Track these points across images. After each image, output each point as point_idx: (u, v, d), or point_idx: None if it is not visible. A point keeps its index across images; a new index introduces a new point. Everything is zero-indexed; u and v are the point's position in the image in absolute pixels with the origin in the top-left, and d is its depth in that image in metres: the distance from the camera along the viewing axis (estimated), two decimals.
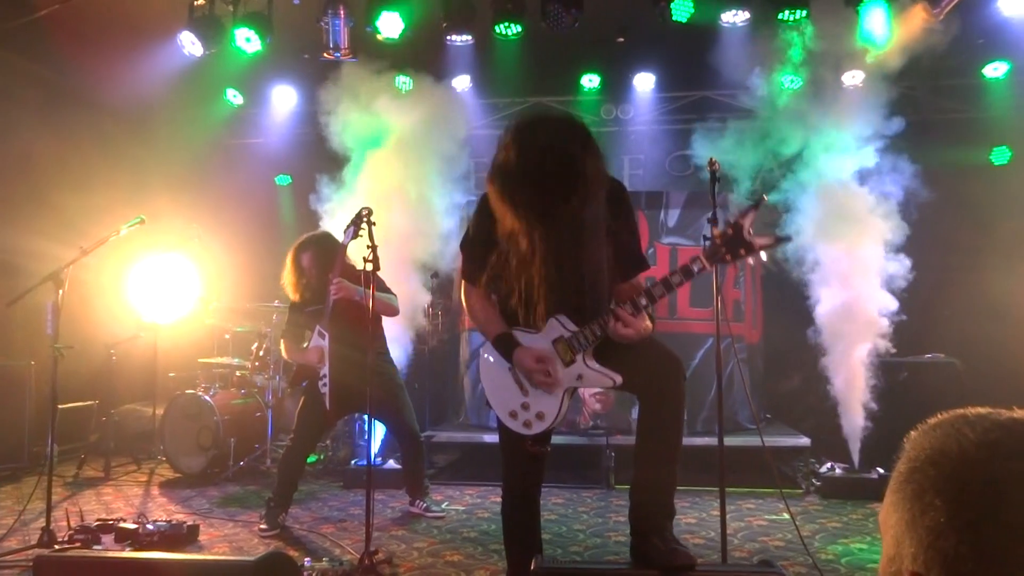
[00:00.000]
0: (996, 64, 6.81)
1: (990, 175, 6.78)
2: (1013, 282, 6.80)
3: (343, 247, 4.60)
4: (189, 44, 6.70)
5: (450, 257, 6.77)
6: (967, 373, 6.05)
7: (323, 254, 4.86)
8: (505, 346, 2.74)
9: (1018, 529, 0.66)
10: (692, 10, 5.75)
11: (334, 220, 6.50)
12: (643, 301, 2.57)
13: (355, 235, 4.30)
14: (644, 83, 7.52)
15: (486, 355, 2.88)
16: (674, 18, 5.75)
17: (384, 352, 5.00)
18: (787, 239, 2.65)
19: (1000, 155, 7.23)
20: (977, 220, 6.95)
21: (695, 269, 2.55)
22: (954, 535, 0.68)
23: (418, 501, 5.16)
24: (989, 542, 0.66)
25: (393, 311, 4.89)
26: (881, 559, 0.78)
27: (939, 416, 0.75)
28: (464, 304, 2.97)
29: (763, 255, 2.11)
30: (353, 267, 4.70)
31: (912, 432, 0.77)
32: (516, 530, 2.99)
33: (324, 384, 4.70)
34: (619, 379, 2.64)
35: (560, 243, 2.61)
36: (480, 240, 2.80)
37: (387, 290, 4.81)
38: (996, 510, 0.67)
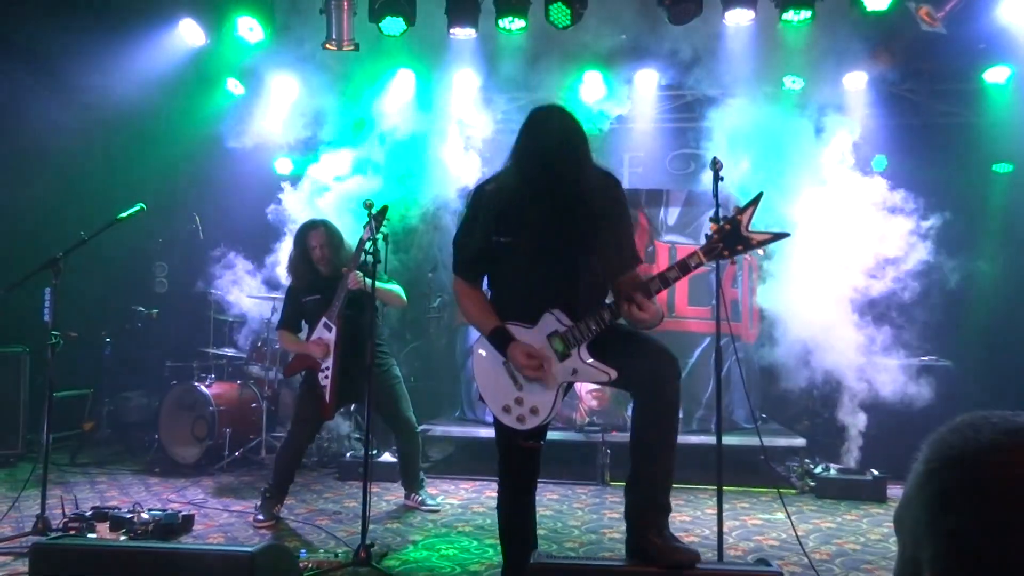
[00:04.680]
0: (997, 69, 6.82)
1: (990, 179, 6.80)
2: (1010, 286, 6.83)
3: (361, 241, 4.48)
4: (190, 33, 6.69)
5: (448, 252, 6.77)
6: (962, 376, 6.07)
7: (332, 236, 4.86)
8: (500, 341, 2.75)
9: None
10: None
11: (334, 209, 6.50)
12: (639, 296, 2.57)
13: (377, 230, 4.15)
14: (646, 80, 7.50)
15: (480, 350, 2.88)
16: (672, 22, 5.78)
17: (381, 344, 5.01)
18: (785, 235, 2.64)
19: (1002, 167, 7.24)
20: (976, 224, 6.97)
21: (692, 265, 2.58)
22: (978, 538, 0.68)
23: (414, 494, 5.16)
24: (1015, 544, 0.66)
25: (401, 302, 4.98)
26: (897, 561, 0.78)
27: (959, 418, 0.75)
28: (457, 299, 2.99)
29: (760, 251, 2.08)
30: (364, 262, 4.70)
31: (931, 434, 0.77)
32: (512, 525, 3.00)
33: (325, 376, 4.69)
34: (614, 374, 2.65)
35: (555, 237, 2.66)
36: (473, 235, 2.84)
37: (389, 282, 4.86)
38: (1021, 512, 0.66)
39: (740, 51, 6.37)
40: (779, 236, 2.61)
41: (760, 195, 2.58)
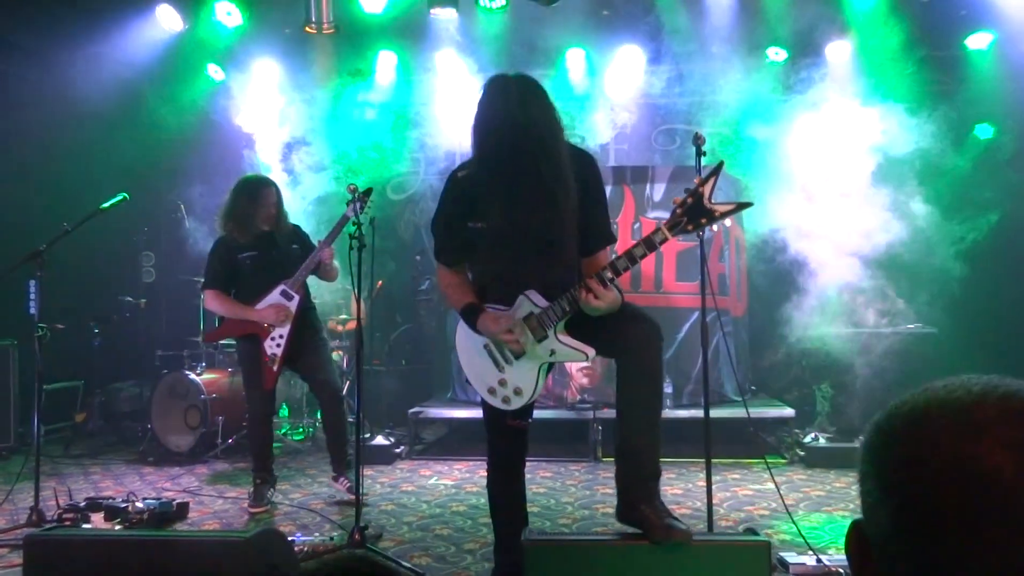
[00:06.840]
0: (979, 35, 6.81)
1: (972, 147, 6.81)
2: (994, 254, 6.87)
3: (344, 218, 4.49)
4: (167, 18, 6.61)
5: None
6: (947, 344, 6.13)
7: (280, 198, 4.89)
8: (470, 316, 2.77)
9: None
10: None
11: (315, 193, 6.49)
12: (608, 274, 2.57)
13: (361, 209, 4.16)
14: (629, 56, 7.47)
15: (460, 334, 2.90)
16: None
17: (313, 307, 4.99)
18: (747, 204, 2.63)
19: (983, 130, 7.25)
20: (960, 192, 6.99)
21: (657, 240, 2.56)
22: (923, 519, 0.70)
23: (343, 478, 4.84)
24: (959, 532, 0.67)
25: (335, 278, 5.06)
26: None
27: (908, 395, 0.78)
28: (439, 284, 3.01)
29: (727, 222, 2.05)
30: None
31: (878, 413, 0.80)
32: (502, 503, 3.03)
33: (277, 345, 4.64)
34: (591, 352, 2.67)
35: (528, 217, 2.63)
36: (448, 221, 2.86)
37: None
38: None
39: (723, 24, 6.35)
40: (742, 206, 2.60)
41: (721, 164, 2.56)
